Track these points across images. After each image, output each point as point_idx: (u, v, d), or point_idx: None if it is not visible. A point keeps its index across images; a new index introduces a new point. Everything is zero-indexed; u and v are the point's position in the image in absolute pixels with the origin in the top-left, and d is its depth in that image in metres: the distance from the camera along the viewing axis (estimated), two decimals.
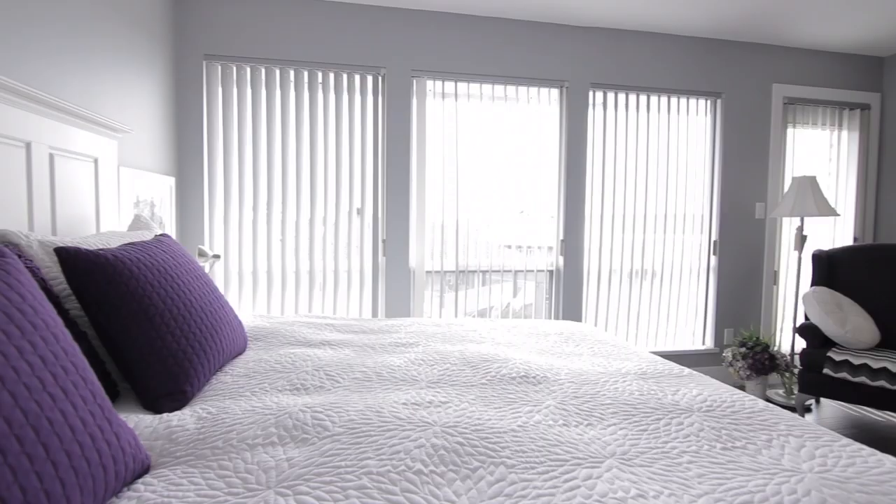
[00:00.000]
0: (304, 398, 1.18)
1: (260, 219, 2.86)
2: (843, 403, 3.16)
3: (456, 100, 3.06)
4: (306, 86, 2.88)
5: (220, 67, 2.78)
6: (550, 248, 3.28)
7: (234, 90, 2.81)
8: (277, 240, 2.89)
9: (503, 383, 1.33)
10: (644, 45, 3.26)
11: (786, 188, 3.48)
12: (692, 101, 3.39)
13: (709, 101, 3.42)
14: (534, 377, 1.37)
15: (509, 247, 3.24)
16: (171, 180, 2.62)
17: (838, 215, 3.04)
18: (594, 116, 3.24)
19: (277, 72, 2.83)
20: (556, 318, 3.28)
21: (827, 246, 3.64)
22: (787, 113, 3.53)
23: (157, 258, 1.28)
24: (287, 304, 2.91)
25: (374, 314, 3.06)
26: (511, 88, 3.13)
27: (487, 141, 3.11)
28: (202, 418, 1.05)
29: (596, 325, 3.33)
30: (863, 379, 2.46)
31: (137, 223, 1.92)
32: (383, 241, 3.01)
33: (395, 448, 0.92)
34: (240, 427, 1.01)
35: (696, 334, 3.48)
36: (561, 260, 3.22)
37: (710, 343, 3.47)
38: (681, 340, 3.46)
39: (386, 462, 0.88)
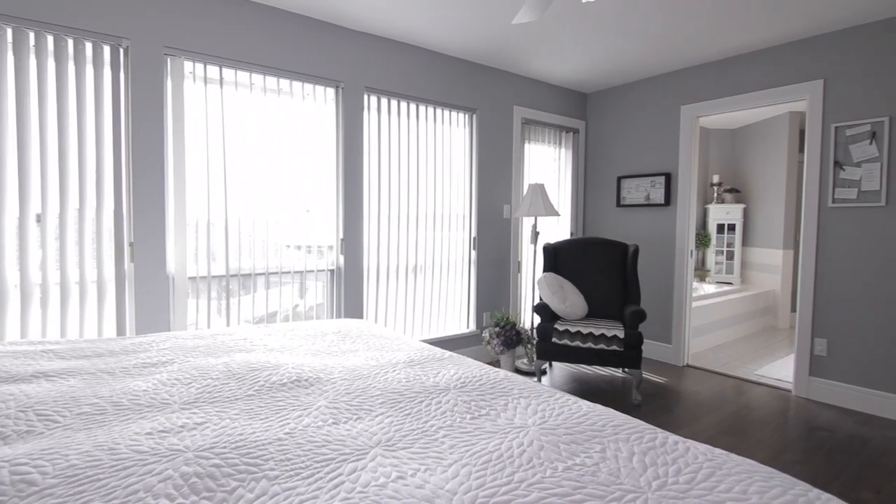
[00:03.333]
0: (2, 450, 0.93)
1: None
2: (567, 364, 4.00)
3: (221, 87, 2.78)
4: (10, 47, 2.23)
5: None
6: (331, 248, 3.27)
7: None
8: None
9: (272, 391, 1.28)
10: (414, 58, 3.51)
11: (524, 193, 4.21)
12: (454, 113, 3.80)
13: (467, 115, 3.89)
14: (306, 380, 1.36)
15: (289, 246, 3.11)
16: None
17: (559, 215, 3.82)
18: (370, 119, 3.35)
19: None
20: (339, 316, 3.29)
21: (553, 239, 4.54)
22: (524, 131, 4.27)
23: None
24: None
25: (121, 332, 2.57)
26: (285, 82, 3.00)
27: (262, 135, 2.91)
28: None
29: (377, 320, 3.47)
30: (577, 343, 3.16)
31: None
32: (130, 244, 2.55)
33: (133, 488, 0.80)
34: None
35: (462, 319, 3.94)
36: (342, 259, 3.25)
37: (472, 326, 3.97)
38: (450, 326, 3.87)
39: None
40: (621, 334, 3.06)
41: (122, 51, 2.50)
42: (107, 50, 2.46)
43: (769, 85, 3.47)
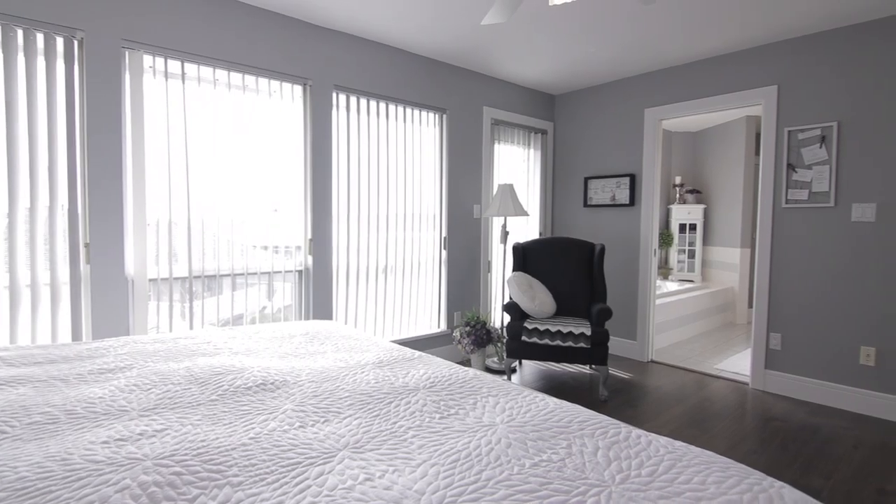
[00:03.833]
0: None
1: None
2: (537, 362, 4.05)
3: (183, 82, 2.70)
4: None
5: None
6: (299, 248, 3.22)
7: None
8: None
9: (237, 395, 1.25)
10: (384, 57, 3.49)
11: (494, 193, 4.24)
12: (424, 113, 3.80)
13: (437, 115, 3.89)
14: (272, 383, 1.33)
15: (255, 247, 3.04)
16: None
17: (528, 215, 3.87)
18: (339, 118, 3.31)
19: None
20: (308, 318, 3.25)
21: (522, 239, 4.59)
22: (494, 131, 4.30)
23: None
24: None
25: (77, 337, 2.46)
26: (251, 78, 2.93)
27: (227, 132, 2.84)
28: None
29: (346, 322, 3.43)
30: (546, 341, 3.20)
31: None
32: (86, 245, 2.45)
33: (87, 500, 0.76)
34: None
35: (433, 319, 3.95)
36: (310, 259, 3.20)
37: (443, 326, 3.98)
38: (421, 326, 3.86)
39: None
40: (588, 332, 3.13)
41: (76, 43, 2.39)
42: (60, 42, 2.35)
43: (727, 90, 3.61)
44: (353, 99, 3.38)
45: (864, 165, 3.02)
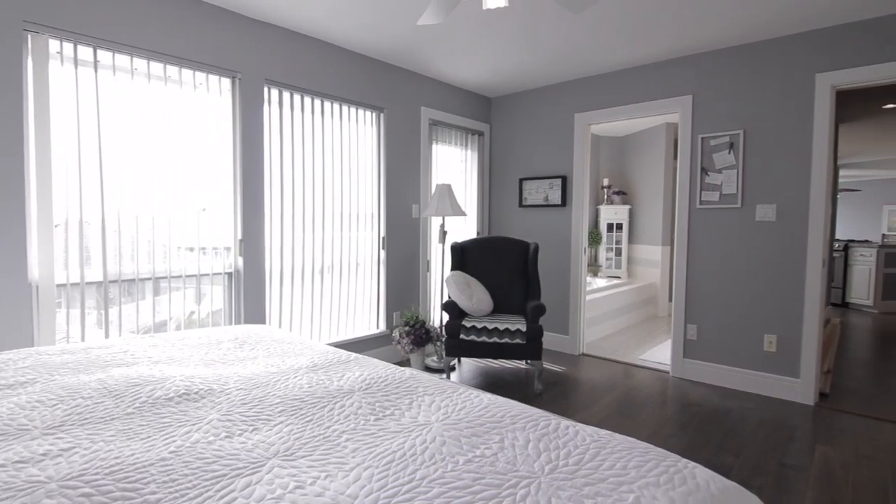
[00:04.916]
0: None
1: None
2: (475, 359, 4.12)
3: (96, 71, 2.49)
4: None
5: None
6: (229, 249, 3.07)
7: None
8: None
9: (156, 407, 1.17)
10: (319, 52, 3.40)
11: (432, 193, 4.27)
12: (361, 111, 3.75)
13: (374, 114, 3.85)
14: (196, 392, 1.27)
15: (180, 248, 2.86)
16: None
17: (466, 215, 3.92)
18: (271, 113, 3.19)
19: None
20: (239, 322, 3.10)
21: (460, 238, 4.65)
22: (432, 131, 4.32)
23: None
24: None
25: None
26: (173, 69, 2.75)
27: (147, 126, 2.65)
28: None
29: (281, 325, 3.32)
30: (483, 338, 3.27)
31: None
32: None
33: None
34: None
35: (372, 320, 3.91)
36: (241, 261, 3.06)
37: (383, 326, 3.95)
38: (359, 327, 3.81)
39: None
40: (524, 328, 3.22)
41: None
42: None
43: (649, 98, 3.85)
44: (286, 94, 3.28)
45: (765, 170, 3.34)
